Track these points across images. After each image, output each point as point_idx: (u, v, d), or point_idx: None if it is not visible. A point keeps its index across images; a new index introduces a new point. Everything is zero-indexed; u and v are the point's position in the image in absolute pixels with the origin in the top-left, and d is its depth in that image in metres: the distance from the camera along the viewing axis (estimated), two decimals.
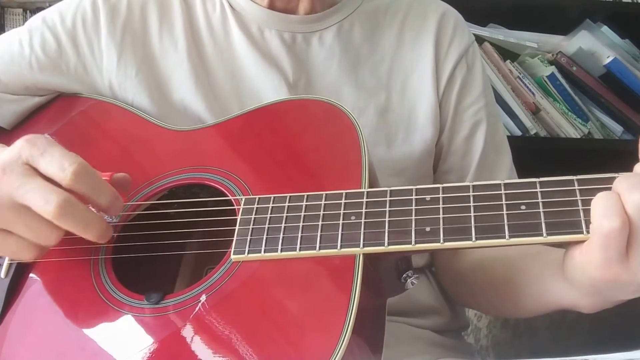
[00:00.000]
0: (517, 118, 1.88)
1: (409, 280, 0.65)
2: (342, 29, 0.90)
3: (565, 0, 2.02)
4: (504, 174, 0.92)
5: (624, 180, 0.55)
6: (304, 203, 0.64)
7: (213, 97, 0.86)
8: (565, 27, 1.99)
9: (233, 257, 0.64)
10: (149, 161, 0.78)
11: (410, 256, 0.67)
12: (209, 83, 0.87)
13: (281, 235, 0.63)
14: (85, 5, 0.88)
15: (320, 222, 0.62)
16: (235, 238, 0.64)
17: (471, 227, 0.58)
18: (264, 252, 0.62)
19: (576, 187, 0.58)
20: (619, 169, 0.59)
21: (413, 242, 0.59)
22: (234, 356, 0.57)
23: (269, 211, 0.65)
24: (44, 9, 0.92)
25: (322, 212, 0.63)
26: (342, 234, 0.61)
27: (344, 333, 0.55)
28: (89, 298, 0.67)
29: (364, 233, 0.61)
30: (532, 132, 1.89)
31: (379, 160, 0.72)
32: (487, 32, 1.95)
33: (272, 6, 0.88)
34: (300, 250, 0.62)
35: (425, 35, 0.91)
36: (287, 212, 0.64)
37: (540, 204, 0.57)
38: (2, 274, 0.72)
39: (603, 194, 0.55)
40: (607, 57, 1.94)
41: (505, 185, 0.60)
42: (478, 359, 1.16)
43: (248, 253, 0.63)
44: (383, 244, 0.60)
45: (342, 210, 0.63)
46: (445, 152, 0.91)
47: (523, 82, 1.91)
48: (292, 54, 0.88)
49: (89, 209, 0.66)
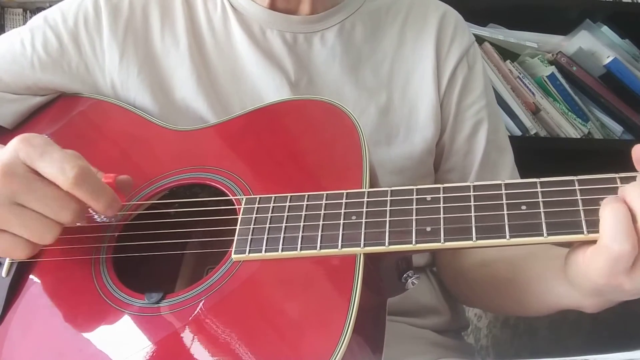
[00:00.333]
0: (517, 118, 1.88)
1: (409, 280, 0.65)
2: (344, 29, 0.90)
3: (565, 0, 2.01)
4: (507, 173, 0.92)
5: (635, 190, 0.54)
6: (305, 203, 0.64)
7: (215, 97, 0.86)
8: (565, 27, 1.99)
9: (234, 256, 0.64)
10: (150, 161, 0.78)
11: (411, 256, 0.67)
12: (211, 82, 0.87)
13: (282, 235, 0.63)
14: (87, 5, 0.88)
15: (321, 222, 0.62)
16: (236, 238, 0.64)
17: (472, 227, 0.58)
18: (265, 251, 0.63)
19: (577, 187, 0.58)
20: (619, 169, 0.59)
21: (414, 242, 0.59)
22: (235, 355, 0.57)
23: (270, 211, 0.65)
24: (44, 9, 0.92)
25: (323, 211, 0.63)
26: (342, 234, 0.61)
27: (345, 333, 0.55)
28: (90, 297, 0.68)
29: (365, 233, 0.61)
30: (532, 132, 1.89)
31: (379, 160, 0.73)
32: (487, 32, 1.94)
33: (273, 6, 0.88)
34: (301, 250, 0.62)
35: (426, 35, 0.91)
36: (288, 212, 0.64)
37: (541, 204, 0.58)
38: (3, 273, 0.72)
39: (611, 208, 0.54)
40: (607, 57, 1.94)
41: (506, 185, 0.60)
42: (478, 359, 1.16)
43: (249, 253, 0.63)
44: (384, 244, 0.60)
45: (342, 210, 0.63)
46: (447, 151, 0.92)
47: (523, 82, 1.91)
48: (293, 54, 0.88)
49: (100, 179, 0.67)
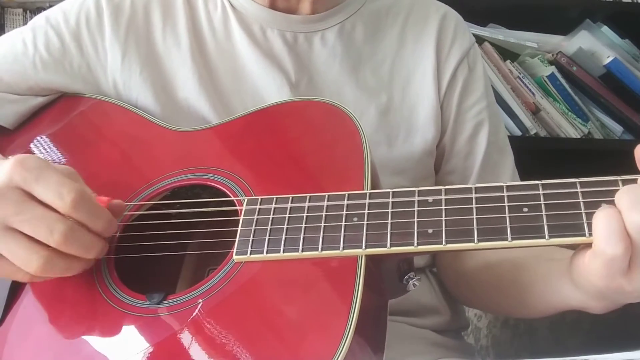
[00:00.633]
0: (517, 118, 1.88)
1: (410, 282, 0.65)
2: (344, 29, 0.90)
3: (565, 0, 2.02)
4: (507, 175, 0.92)
5: (625, 196, 0.54)
6: (307, 204, 0.64)
7: (216, 97, 0.86)
8: (565, 27, 1.99)
9: (235, 257, 0.64)
10: (151, 161, 0.78)
11: (412, 258, 0.67)
12: (212, 82, 0.87)
13: (283, 236, 0.63)
14: (89, 5, 0.88)
15: (322, 223, 0.62)
16: (237, 238, 0.64)
17: (473, 229, 0.58)
18: (267, 252, 0.62)
19: (579, 190, 0.58)
20: (619, 169, 0.59)
21: (415, 244, 0.59)
22: (236, 356, 0.57)
23: (272, 212, 0.65)
24: (44, 9, 0.92)
25: (324, 213, 0.63)
26: (344, 235, 0.61)
27: (346, 334, 0.55)
28: (91, 298, 0.68)
29: (367, 234, 0.61)
30: (532, 132, 1.89)
31: (380, 160, 0.73)
32: (487, 32, 1.95)
33: (273, 6, 0.88)
34: (302, 251, 0.62)
35: (426, 36, 0.91)
36: (290, 213, 0.64)
37: (543, 206, 0.57)
38: None
39: (604, 214, 0.54)
40: (607, 57, 1.94)
41: (508, 187, 0.60)
42: (478, 359, 1.16)
43: (250, 254, 0.63)
44: (385, 246, 0.60)
45: (344, 212, 0.63)
46: (448, 153, 0.92)
47: (523, 82, 1.91)
48: (293, 54, 0.88)
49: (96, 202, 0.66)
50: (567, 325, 1.07)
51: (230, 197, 0.70)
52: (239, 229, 0.65)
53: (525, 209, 0.58)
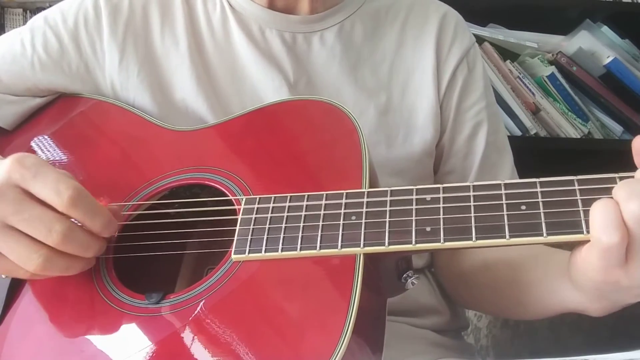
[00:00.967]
0: (517, 118, 1.88)
1: (409, 280, 0.65)
2: (343, 29, 0.90)
3: (565, 0, 2.01)
4: (506, 174, 0.92)
5: (623, 187, 0.55)
6: (305, 203, 0.64)
7: (214, 97, 0.86)
8: (565, 27, 1.99)
9: (234, 256, 0.64)
10: (150, 161, 0.78)
11: (411, 256, 0.67)
12: (210, 83, 0.87)
13: (282, 235, 0.63)
14: (87, 5, 0.88)
15: (320, 222, 0.62)
16: (236, 238, 0.64)
17: (471, 227, 0.58)
18: (265, 251, 0.63)
19: (576, 187, 0.58)
20: (619, 169, 0.59)
21: (413, 242, 0.59)
22: (235, 355, 0.57)
23: (270, 211, 0.65)
24: (44, 9, 0.92)
25: (322, 212, 0.63)
26: (342, 234, 0.61)
27: (344, 333, 0.55)
28: (90, 297, 0.68)
29: (365, 233, 0.61)
30: (532, 132, 1.89)
31: (378, 161, 0.73)
32: (487, 32, 1.95)
33: (272, 6, 0.88)
34: (300, 250, 0.62)
35: (426, 36, 0.91)
36: (288, 212, 0.64)
37: (541, 204, 0.57)
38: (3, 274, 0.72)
39: (601, 203, 0.55)
40: (607, 57, 1.94)
41: (506, 185, 0.60)
42: (478, 359, 1.16)
43: (249, 253, 0.63)
44: (384, 244, 0.60)
45: (342, 210, 0.63)
46: (447, 153, 0.92)
47: (523, 82, 1.91)
48: (292, 54, 0.88)
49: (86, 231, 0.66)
50: (567, 325, 1.07)
51: (228, 196, 0.70)
52: (237, 228, 0.65)
53: (523, 207, 0.58)
